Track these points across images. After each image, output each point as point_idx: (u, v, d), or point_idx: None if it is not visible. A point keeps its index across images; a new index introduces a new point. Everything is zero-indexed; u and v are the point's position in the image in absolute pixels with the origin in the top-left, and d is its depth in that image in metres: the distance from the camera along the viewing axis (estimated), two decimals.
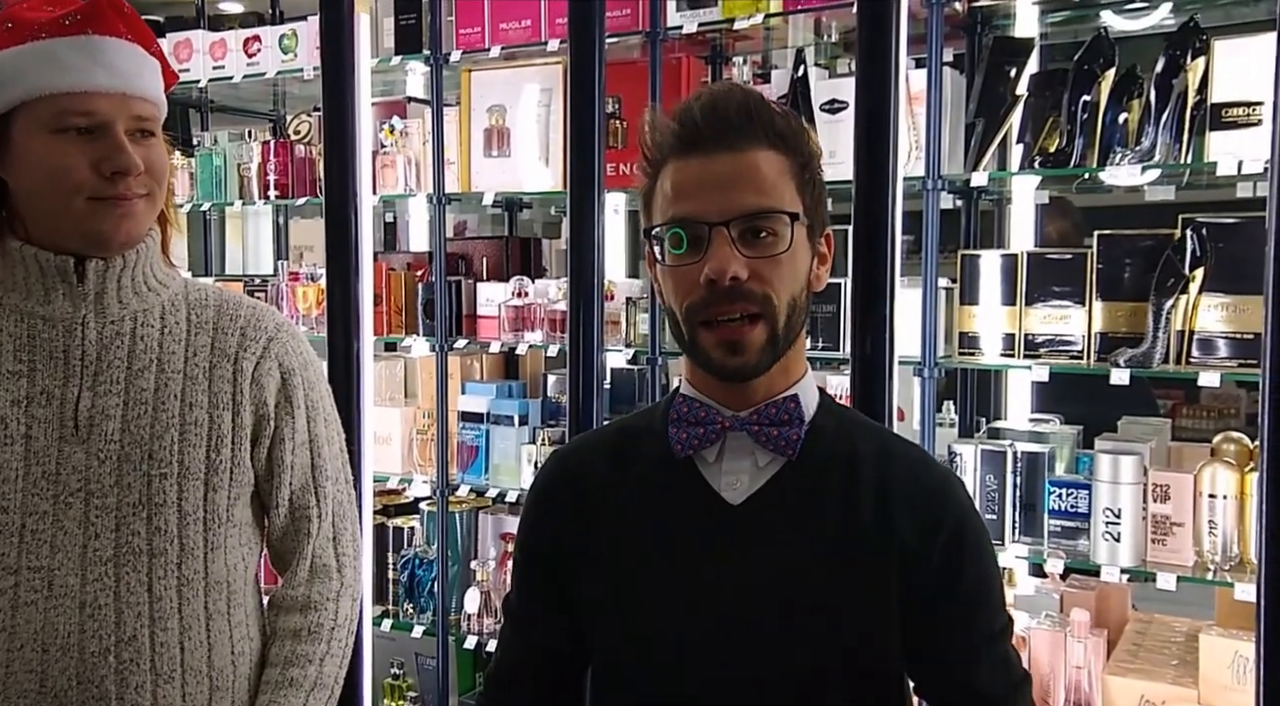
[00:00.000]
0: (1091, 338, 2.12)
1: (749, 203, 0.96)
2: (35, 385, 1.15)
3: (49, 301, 1.16)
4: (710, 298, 0.96)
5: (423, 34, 2.72)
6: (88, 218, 1.13)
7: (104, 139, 1.12)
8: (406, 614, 2.87)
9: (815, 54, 2.62)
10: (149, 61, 1.18)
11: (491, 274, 3.00)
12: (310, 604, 1.26)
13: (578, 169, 2.24)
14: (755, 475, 1.02)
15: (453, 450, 2.84)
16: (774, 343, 0.99)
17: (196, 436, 1.18)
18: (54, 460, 1.14)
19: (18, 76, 1.11)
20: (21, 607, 1.12)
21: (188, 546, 1.17)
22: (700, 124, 0.98)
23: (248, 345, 1.23)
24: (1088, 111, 2.06)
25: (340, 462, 1.31)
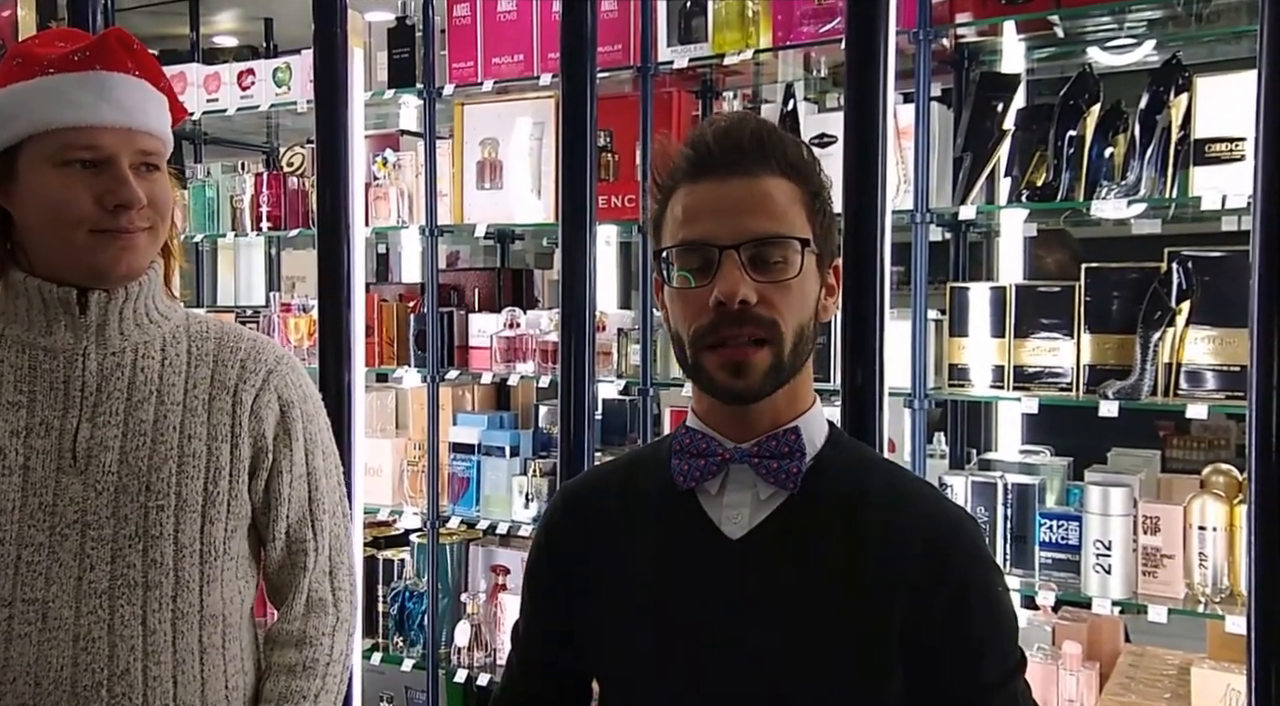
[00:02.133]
0: (1081, 370, 2.13)
1: (760, 227, 0.96)
2: (35, 416, 1.15)
3: (51, 332, 1.16)
4: (718, 320, 0.96)
5: (416, 68, 2.75)
6: (90, 250, 1.13)
7: (108, 173, 1.13)
8: (396, 647, 2.85)
9: (804, 88, 2.65)
10: (156, 97, 1.18)
11: (483, 305, 3.01)
12: (306, 639, 1.25)
13: (570, 201, 2.25)
14: (756, 508, 1.01)
15: (443, 481, 2.83)
16: (779, 368, 0.98)
17: (194, 468, 1.17)
18: (51, 491, 1.13)
19: (25, 111, 1.12)
20: (15, 640, 1.11)
21: (183, 579, 1.16)
22: (713, 149, 0.98)
23: (247, 377, 1.22)
24: (1074, 146, 2.08)
25: (338, 496, 1.30)
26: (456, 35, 2.72)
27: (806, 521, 1.00)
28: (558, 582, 1.10)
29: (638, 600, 1.03)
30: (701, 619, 1.00)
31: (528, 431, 2.86)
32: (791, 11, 2.33)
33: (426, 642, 2.79)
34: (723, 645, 0.99)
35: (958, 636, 0.98)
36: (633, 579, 1.04)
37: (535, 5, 2.63)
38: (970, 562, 1.00)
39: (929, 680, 0.98)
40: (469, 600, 2.77)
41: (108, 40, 1.16)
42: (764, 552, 1.00)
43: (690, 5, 2.43)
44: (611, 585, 1.05)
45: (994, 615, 1.00)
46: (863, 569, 0.98)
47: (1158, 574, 2.00)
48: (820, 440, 1.03)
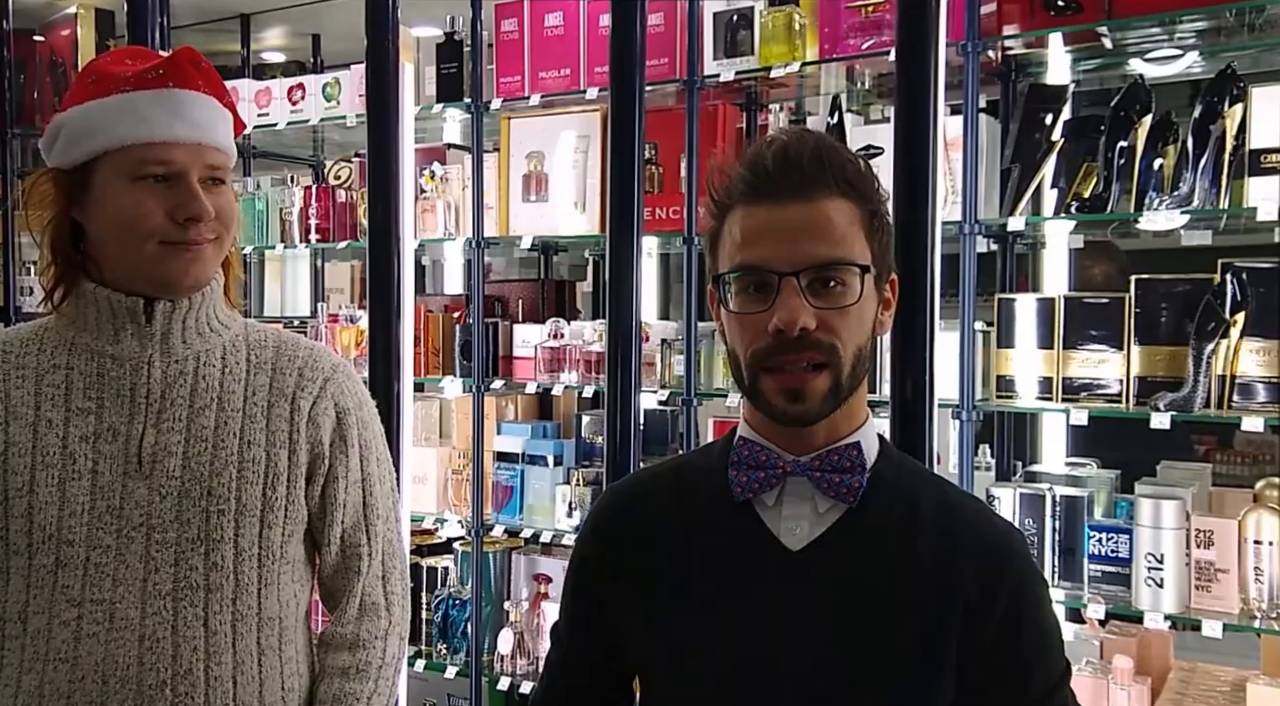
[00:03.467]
0: (1130, 381, 2.12)
1: (820, 253, 0.96)
2: (103, 421, 1.18)
3: (118, 341, 1.19)
4: (777, 346, 0.96)
5: (464, 82, 2.79)
6: (159, 261, 1.17)
7: (179, 187, 1.16)
8: (440, 654, 2.87)
9: (848, 100, 2.66)
10: (222, 113, 1.22)
11: (527, 316, 3.04)
12: (359, 642, 1.27)
13: (617, 214, 2.28)
14: (815, 521, 1.02)
15: (487, 490, 2.85)
16: (836, 391, 0.99)
17: (254, 474, 1.20)
18: (118, 495, 1.16)
19: (102, 128, 1.15)
20: (84, 639, 1.14)
21: (242, 582, 1.19)
22: (772, 171, 0.98)
23: (305, 385, 1.25)
24: (1125, 157, 2.08)
25: (390, 502, 1.33)
26: (504, 50, 2.76)
27: (865, 534, 1.01)
28: (604, 582, 1.10)
29: (693, 606, 1.03)
30: (759, 627, 1.00)
31: (570, 441, 2.88)
32: (838, 24, 2.35)
33: (470, 650, 2.81)
34: (780, 653, 0.99)
35: (1010, 649, 0.99)
36: (688, 584, 1.04)
37: (582, 20, 2.67)
38: (1022, 577, 1.01)
39: (980, 691, 0.99)
40: (512, 608, 2.79)
41: (179, 59, 1.19)
42: (823, 564, 1.00)
43: (736, 19, 2.45)
44: (663, 588, 1.05)
45: (1043, 628, 1.02)
46: (918, 582, 0.99)
47: (1211, 588, 1.98)
48: (874, 454, 1.04)
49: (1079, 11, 2.14)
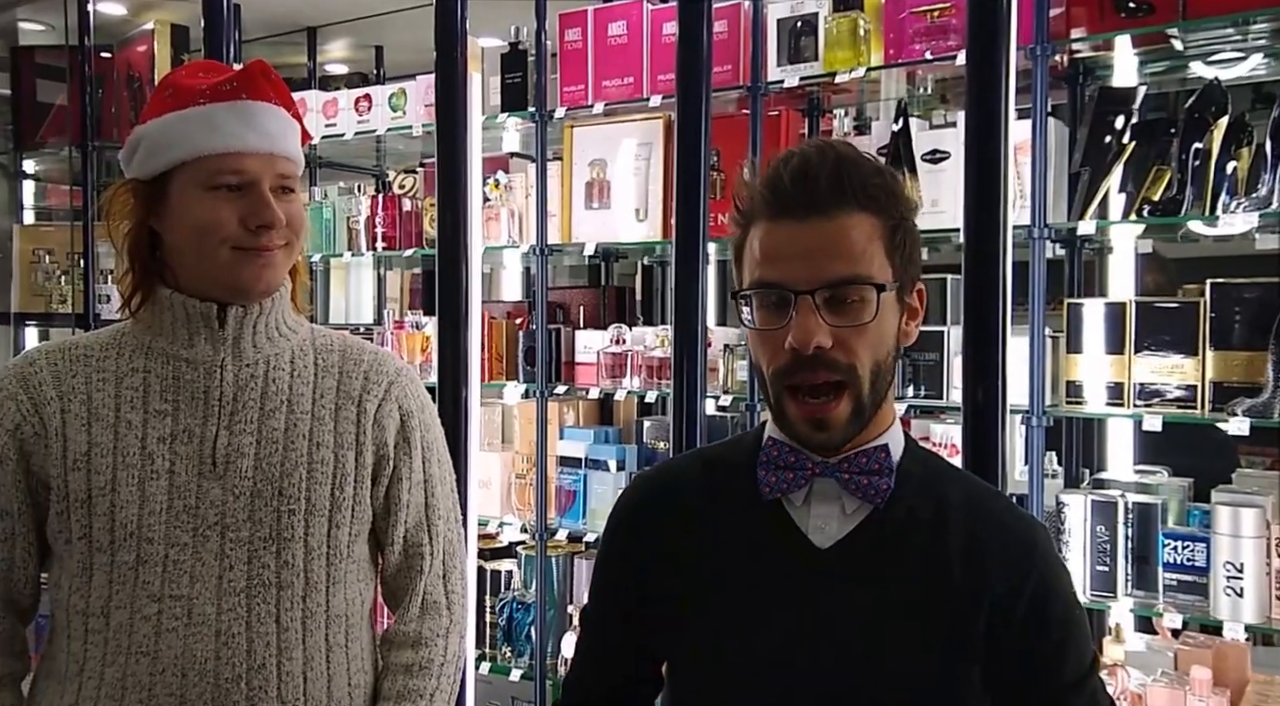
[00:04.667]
0: (1205, 387, 2.09)
1: (835, 271, 0.96)
2: (179, 423, 1.21)
3: (192, 345, 1.23)
4: (795, 364, 0.97)
5: (527, 91, 2.82)
6: (232, 267, 1.20)
7: (251, 195, 1.20)
8: (504, 657, 2.91)
9: (911, 105, 2.65)
10: (291, 123, 1.26)
11: (588, 322, 3.07)
12: (421, 640, 1.29)
13: (683, 220, 2.29)
14: (843, 520, 1.03)
15: (550, 494, 2.88)
16: (859, 412, 0.99)
17: (323, 474, 1.23)
18: (194, 494, 1.20)
19: (180, 139, 1.19)
20: (164, 634, 1.18)
21: (312, 580, 1.22)
22: (790, 188, 0.98)
23: (370, 388, 1.28)
24: (1199, 159, 2.05)
25: (451, 502, 1.35)
26: (568, 59, 2.79)
27: (892, 532, 1.02)
28: (633, 567, 1.12)
29: (721, 599, 1.05)
30: (787, 623, 1.02)
31: (632, 446, 2.90)
32: (903, 29, 2.35)
33: (534, 653, 2.84)
34: (806, 649, 1.01)
35: (1038, 639, 1.01)
36: (716, 577, 1.06)
37: (645, 28, 2.69)
38: (1045, 568, 1.03)
39: (1013, 684, 1.01)
40: (575, 612, 2.81)
41: (252, 71, 1.23)
42: (852, 562, 1.02)
43: (800, 25, 2.46)
44: (692, 579, 1.07)
45: (1069, 617, 1.03)
46: (947, 577, 1.01)
47: None
48: (899, 454, 1.05)
49: (1150, 13, 2.12)
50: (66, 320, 3.59)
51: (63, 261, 3.64)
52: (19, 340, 3.89)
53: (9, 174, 3.89)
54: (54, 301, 3.66)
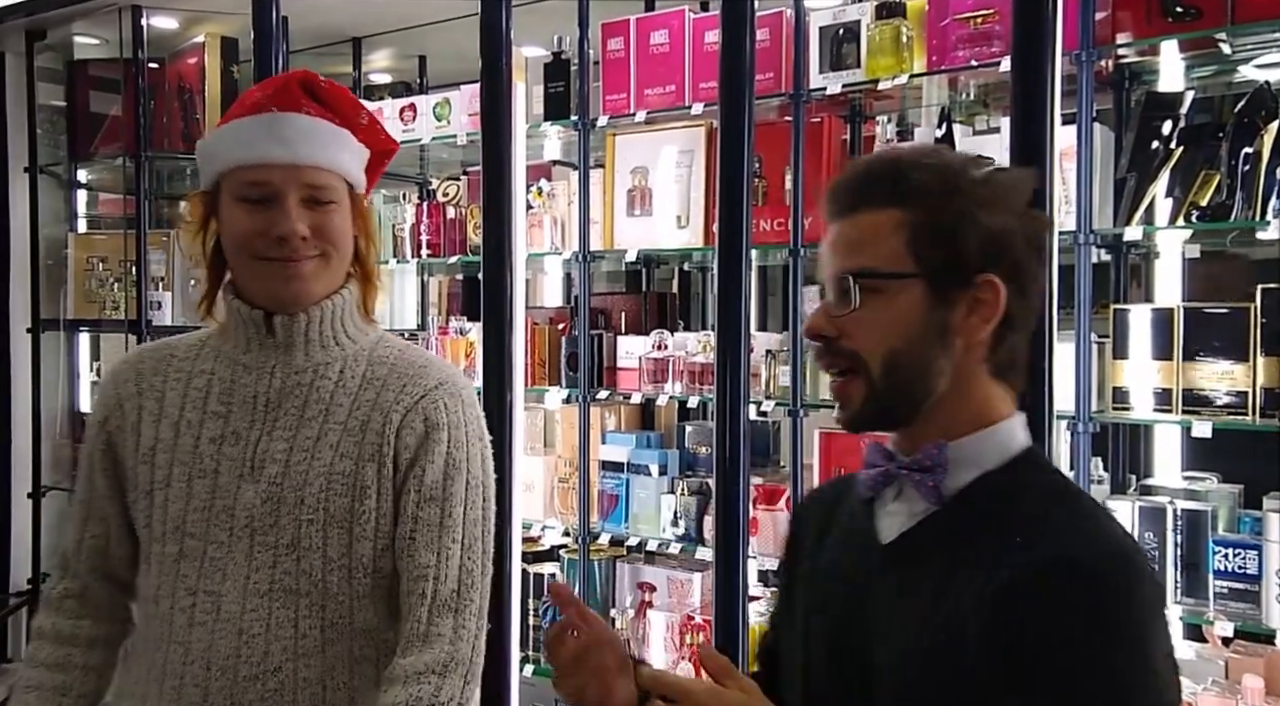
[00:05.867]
0: (1256, 392, 2.07)
1: (841, 265, 1.03)
2: (229, 426, 1.25)
3: (248, 350, 1.27)
4: (818, 352, 1.05)
5: (570, 100, 2.86)
6: (260, 277, 1.23)
7: (274, 207, 1.21)
8: (548, 660, 2.93)
9: (953, 110, 2.65)
10: (335, 133, 1.24)
11: (630, 327, 3.10)
12: (414, 675, 1.18)
13: (726, 226, 2.31)
14: (908, 518, 1.04)
15: (593, 499, 2.91)
16: (875, 396, 1.01)
17: (341, 485, 1.22)
18: (233, 495, 1.22)
19: (219, 152, 1.24)
20: (195, 626, 1.21)
21: (330, 591, 1.21)
22: (835, 193, 1.05)
23: (402, 399, 1.25)
24: (1249, 163, 2.03)
25: (480, 531, 1.26)
26: (610, 68, 2.82)
27: (950, 535, 1.00)
28: (781, 571, 1.21)
29: (815, 588, 1.11)
30: (844, 615, 1.05)
31: (673, 450, 2.92)
32: (946, 36, 2.35)
33: None
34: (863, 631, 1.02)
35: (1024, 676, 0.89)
36: (815, 572, 1.11)
37: (687, 37, 2.72)
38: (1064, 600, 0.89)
39: None
40: (618, 616, 2.83)
41: (289, 83, 1.25)
42: (904, 558, 1.02)
43: (842, 32, 2.47)
44: (805, 574, 1.13)
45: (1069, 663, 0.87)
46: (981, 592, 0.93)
47: None
48: (994, 461, 1.01)
49: (1198, 17, 2.11)
50: (119, 326, 3.67)
51: (116, 269, 3.72)
52: (73, 346, 3.98)
53: (64, 183, 3.98)
54: (107, 308, 3.74)
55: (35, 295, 3.86)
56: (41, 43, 3.82)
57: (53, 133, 3.93)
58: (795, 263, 2.55)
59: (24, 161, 3.85)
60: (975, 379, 1.02)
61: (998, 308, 1.00)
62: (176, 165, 3.94)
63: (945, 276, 1.00)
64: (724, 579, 2.36)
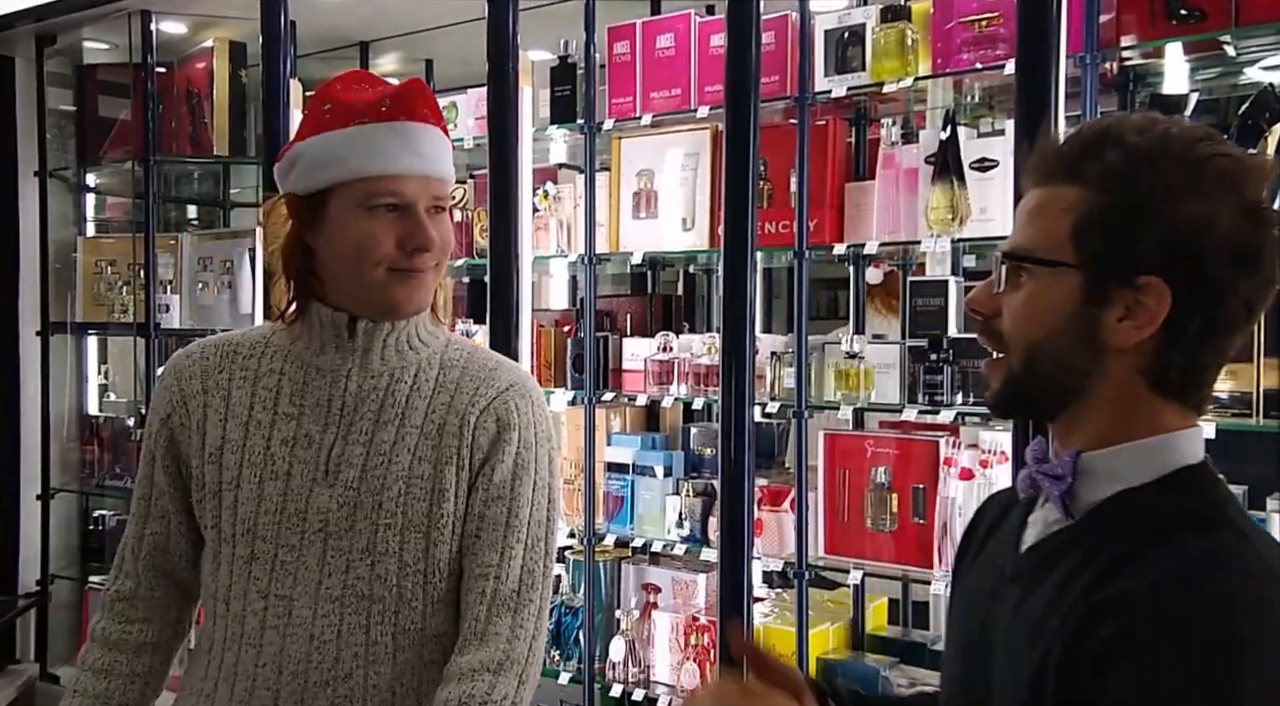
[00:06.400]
0: (1259, 395, 2.07)
1: (1011, 240, 0.96)
2: (301, 428, 1.25)
3: (323, 353, 1.26)
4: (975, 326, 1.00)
5: (576, 103, 2.87)
6: (385, 287, 1.22)
7: (409, 217, 1.20)
8: (553, 661, 2.94)
9: (958, 113, 2.66)
10: (445, 143, 1.26)
11: (635, 330, 3.11)
12: (469, 672, 1.19)
13: (732, 229, 2.33)
14: (1044, 528, 0.98)
15: (598, 500, 2.92)
16: (1013, 382, 0.95)
17: (421, 490, 1.22)
18: (305, 499, 1.22)
19: (341, 159, 1.20)
20: (267, 630, 1.22)
21: (405, 596, 1.22)
22: (1035, 160, 0.97)
23: (476, 401, 1.26)
24: None
25: (543, 532, 1.27)
26: (616, 72, 2.84)
27: (1068, 550, 0.93)
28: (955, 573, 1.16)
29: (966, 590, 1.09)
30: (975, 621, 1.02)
31: (678, 452, 2.93)
32: (951, 39, 2.36)
33: (582, 657, 2.87)
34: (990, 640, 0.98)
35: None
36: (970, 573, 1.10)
37: (693, 40, 2.73)
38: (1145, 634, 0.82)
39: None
40: (623, 616, 2.84)
41: (410, 91, 1.23)
42: (1031, 569, 0.97)
43: (847, 35, 2.48)
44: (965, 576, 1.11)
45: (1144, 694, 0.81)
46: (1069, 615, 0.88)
47: None
48: (1139, 477, 0.92)
49: (1203, 19, 2.11)
50: (128, 329, 3.70)
51: (124, 272, 3.74)
52: (81, 348, 4.01)
53: (72, 187, 4.02)
54: (115, 311, 3.77)
55: (44, 298, 3.89)
56: (51, 47, 3.85)
57: (61, 137, 3.97)
58: (800, 265, 2.56)
59: (34, 166, 3.88)
60: (1131, 389, 0.92)
61: (1157, 316, 0.88)
62: (184, 169, 3.97)
63: (1104, 271, 0.90)
64: (728, 579, 2.38)
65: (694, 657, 2.72)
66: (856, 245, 2.55)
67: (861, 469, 2.50)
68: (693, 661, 2.72)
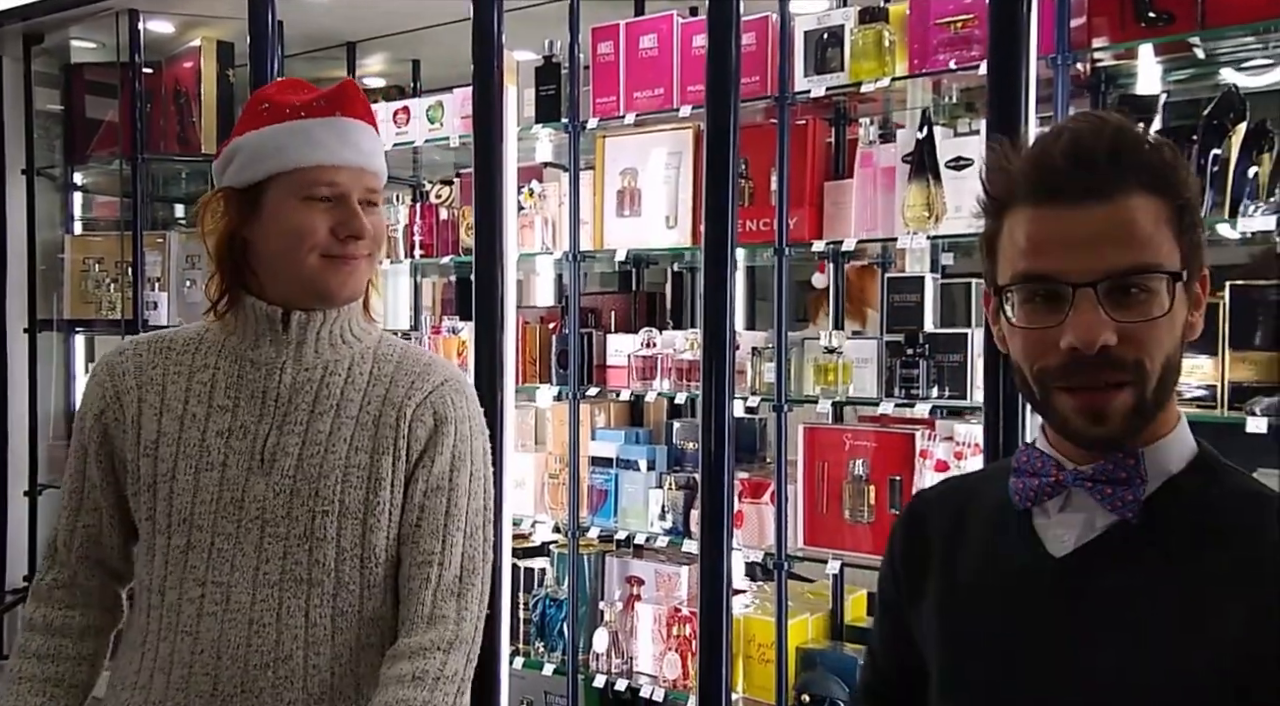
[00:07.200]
0: (1224, 387, 2.13)
1: (1122, 260, 0.87)
2: (237, 420, 1.28)
3: (257, 346, 1.30)
4: (1071, 365, 0.89)
5: (561, 103, 2.91)
6: (320, 273, 1.26)
7: (342, 207, 1.26)
8: (537, 652, 2.98)
9: (936, 113, 2.71)
10: (379, 141, 1.32)
11: (619, 326, 3.15)
12: (419, 651, 1.25)
13: (712, 226, 2.37)
14: (1086, 529, 0.95)
15: (582, 494, 2.96)
16: (1142, 409, 0.90)
17: (357, 478, 1.27)
18: (241, 488, 1.26)
19: (276, 151, 1.25)
20: (204, 617, 1.24)
21: (343, 580, 1.26)
22: (1063, 168, 0.88)
23: (413, 394, 1.30)
24: (1218, 164, 2.09)
25: (481, 520, 1.33)
26: (600, 71, 2.88)
27: (1137, 545, 0.92)
28: (895, 586, 1.11)
29: (959, 611, 1.03)
30: (1017, 634, 0.97)
31: (661, 446, 2.97)
32: (928, 40, 2.41)
33: (566, 648, 2.91)
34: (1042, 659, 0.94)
35: None
36: (955, 591, 1.03)
37: (675, 41, 2.77)
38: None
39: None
40: (606, 608, 2.88)
41: (346, 90, 1.30)
42: (1087, 571, 0.94)
43: (826, 36, 2.52)
44: (938, 594, 1.05)
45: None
46: (1193, 607, 0.88)
47: None
48: (1177, 466, 0.94)
49: (1171, 22, 2.17)
50: (115, 327, 3.72)
51: (112, 270, 3.77)
52: (69, 346, 4.03)
53: (59, 186, 4.03)
54: (103, 308, 3.79)
55: (32, 296, 3.90)
56: (38, 47, 3.86)
57: (48, 136, 3.98)
58: (780, 261, 2.60)
59: (21, 164, 3.90)
60: None
61: (1204, 303, 0.93)
62: (172, 168, 3.99)
63: (1193, 271, 0.91)
64: (708, 570, 2.42)
65: (676, 648, 2.76)
66: (835, 242, 2.60)
67: (840, 461, 2.55)
68: (675, 652, 2.76)
